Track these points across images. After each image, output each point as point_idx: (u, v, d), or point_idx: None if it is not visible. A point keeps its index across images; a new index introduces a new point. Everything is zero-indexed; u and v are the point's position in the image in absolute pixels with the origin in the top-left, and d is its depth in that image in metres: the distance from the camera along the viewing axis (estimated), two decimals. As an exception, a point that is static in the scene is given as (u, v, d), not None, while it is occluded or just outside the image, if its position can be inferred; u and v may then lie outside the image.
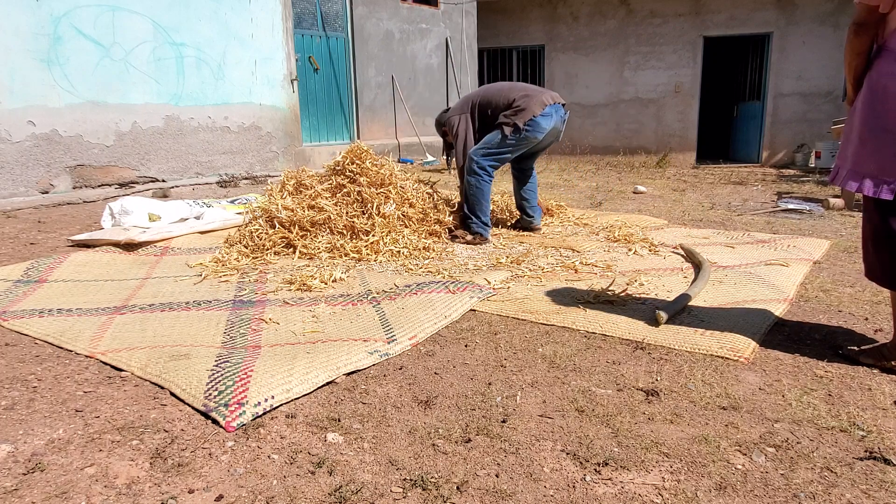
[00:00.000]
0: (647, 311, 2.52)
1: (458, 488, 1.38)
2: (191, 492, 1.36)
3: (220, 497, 1.34)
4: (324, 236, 3.66)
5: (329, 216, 3.71)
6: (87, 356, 2.09)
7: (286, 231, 3.67)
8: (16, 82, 4.94)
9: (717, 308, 2.56)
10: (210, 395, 1.73)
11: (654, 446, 1.54)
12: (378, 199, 3.78)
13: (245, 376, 1.80)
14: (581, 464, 1.47)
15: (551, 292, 2.82)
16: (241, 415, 1.64)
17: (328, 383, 1.89)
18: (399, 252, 3.53)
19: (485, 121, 4.01)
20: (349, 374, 1.96)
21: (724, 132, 12.28)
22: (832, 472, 1.43)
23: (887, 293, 2.54)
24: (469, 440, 1.58)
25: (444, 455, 1.52)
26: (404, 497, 1.35)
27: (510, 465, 1.47)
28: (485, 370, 2.02)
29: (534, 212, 4.30)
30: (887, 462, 1.46)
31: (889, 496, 1.34)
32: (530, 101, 3.81)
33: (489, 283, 2.93)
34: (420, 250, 3.60)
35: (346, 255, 3.49)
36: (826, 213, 5.06)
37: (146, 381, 1.89)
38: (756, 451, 1.52)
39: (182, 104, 6.11)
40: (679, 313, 2.48)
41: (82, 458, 1.48)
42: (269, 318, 2.46)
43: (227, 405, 1.67)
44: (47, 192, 5.21)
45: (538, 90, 3.93)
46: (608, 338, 2.28)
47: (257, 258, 3.48)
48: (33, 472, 1.41)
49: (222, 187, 6.48)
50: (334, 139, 8.18)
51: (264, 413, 1.69)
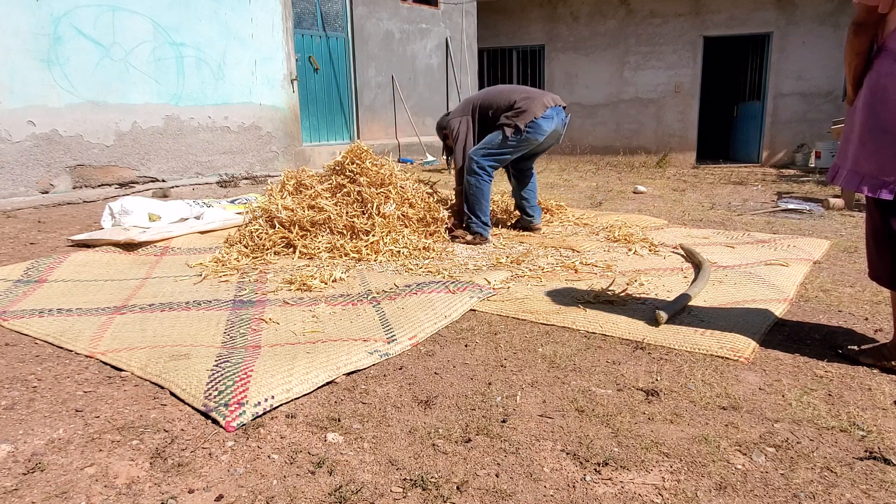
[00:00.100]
0: (647, 311, 2.52)
1: (458, 488, 1.38)
2: (191, 492, 1.36)
3: (220, 497, 1.34)
4: (324, 236, 3.66)
5: (329, 216, 3.71)
6: (87, 356, 2.09)
7: (286, 231, 3.68)
8: (16, 82, 4.94)
9: (717, 308, 2.57)
10: (210, 394, 1.73)
11: (654, 446, 1.54)
12: (378, 199, 3.78)
13: (245, 376, 1.80)
14: (581, 464, 1.47)
15: (551, 292, 2.82)
16: (241, 415, 1.64)
17: (328, 383, 1.89)
18: (399, 252, 3.53)
19: (485, 122, 4.02)
20: (349, 374, 1.97)
21: (724, 132, 12.28)
22: (832, 472, 1.43)
23: (887, 293, 2.54)
24: (469, 440, 1.58)
25: (444, 455, 1.52)
26: (404, 497, 1.35)
27: (510, 465, 1.47)
28: (485, 370, 2.02)
29: (534, 211, 4.31)
30: (887, 462, 1.46)
31: (889, 496, 1.34)
32: (532, 102, 3.81)
33: (489, 283, 2.93)
34: (420, 250, 3.60)
35: (346, 254, 3.49)
36: (826, 213, 5.06)
37: (146, 380, 1.89)
38: (756, 451, 1.52)
39: (182, 104, 6.11)
40: (679, 313, 2.48)
41: (82, 458, 1.48)
42: (269, 318, 2.46)
43: (227, 405, 1.67)
44: (47, 192, 5.21)
45: (539, 92, 3.94)
46: (608, 338, 2.28)
47: (257, 258, 3.48)
48: (33, 472, 1.42)
49: (222, 187, 6.48)
50: (334, 139, 8.18)
51: (264, 413, 1.69)
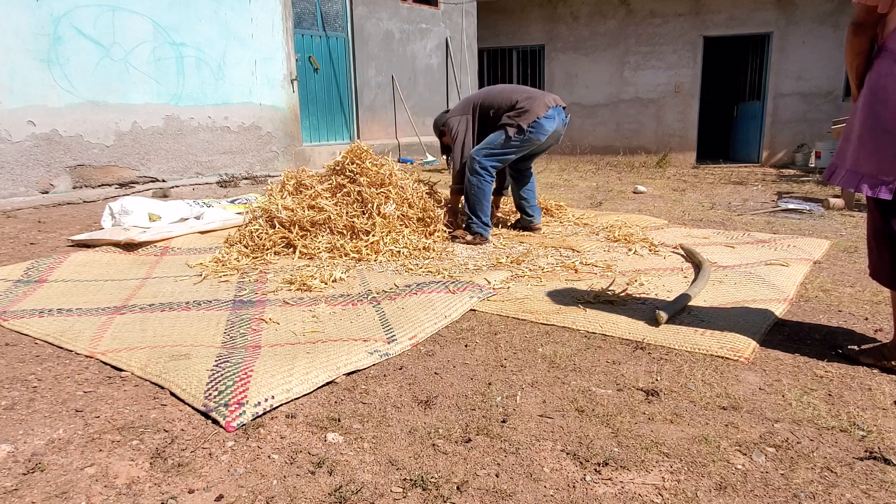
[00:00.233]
0: (647, 311, 2.52)
1: (458, 488, 1.38)
2: (191, 492, 1.36)
3: (220, 497, 1.34)
4: (324, 236, 3.66)
5: (329, 216, 3.71)
6: (87, 356, 2.09)
7: (286, 231, 3.67)
8: (16, 82, 4.94)
9: (717, 308, 2.56)
10: (210, 394, 1.73)
11: (654, 446, 1.54)
12: (378, 199, 3.78)
13: (245, 376, 1.80)
14: (581, 464, 1.47)
15: (551, 292, 2.82)
16: (241, 415, 1.64)
17: (328, 383, 1.89)
18: (399, 252, 3.53)
19: (486, 122, 4.01)
20: (349, 374, 1.97)
21: (724, 132, 12.28)
22: (832, 472, 1.43)
23: (887, 293, 2.54)
24: (469, 440, 1.58)
25: (444, 455, 1.52)
26: (404, 497, 1.35)
27: (510, 465, 1.47)
28: (485, 370, 2.02)
29: (533, 211, 4.31)
30: (887, 462, 1.46)
31: (889, 496, 1.34)
32: (534, 102, 3.82)
33: (489, 283, 2.93)
34: (420, 250, 3.60)
35: (346, 255, 3.49)
36: (826, 212, 5.06)
37: (146, 381, 1.89)
38: (756, 451, 1.52)
39: (182, 104, 6.11)
40: (679, 313, 2.48)
41: (82, 458, 1.48)
42: (269, 318, 2.46)
43: (227, 405, 1.67)
44: (47, 192, 5.21)
45: (540, 93, 3.96)
46: (608, 338, 2.28)
47: (257, 258, 3.48)
48: (33, 472, 1.41)
49: (222, 187, 6.48)
50: (334, 139, 8.18)
51: (264, 413, 1.69)
